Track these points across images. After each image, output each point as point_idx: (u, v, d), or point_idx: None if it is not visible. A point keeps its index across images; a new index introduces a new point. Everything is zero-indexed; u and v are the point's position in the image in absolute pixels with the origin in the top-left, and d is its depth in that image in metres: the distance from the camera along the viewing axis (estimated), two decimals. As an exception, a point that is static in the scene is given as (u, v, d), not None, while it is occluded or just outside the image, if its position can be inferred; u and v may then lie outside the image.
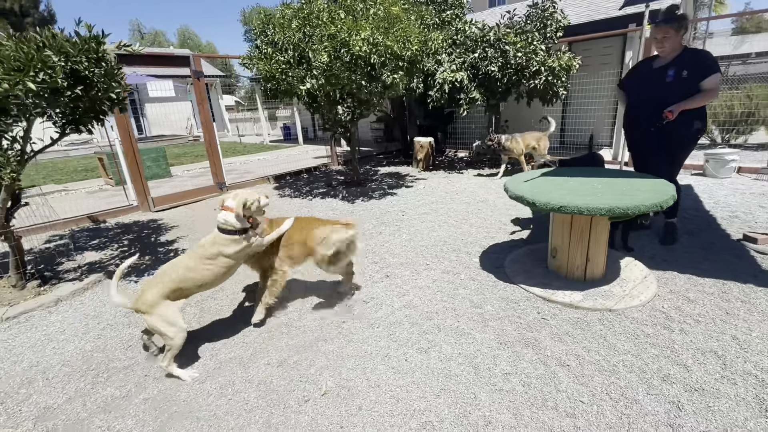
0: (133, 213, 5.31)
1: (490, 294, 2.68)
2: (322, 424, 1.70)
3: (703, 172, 5.47)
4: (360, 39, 3.84)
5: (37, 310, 2.75)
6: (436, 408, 1.74)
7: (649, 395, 1.74)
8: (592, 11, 8.06)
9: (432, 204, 4.93)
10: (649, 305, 2.42)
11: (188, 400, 1.88)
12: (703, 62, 2.92)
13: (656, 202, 2.18)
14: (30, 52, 2.09)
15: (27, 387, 2.02)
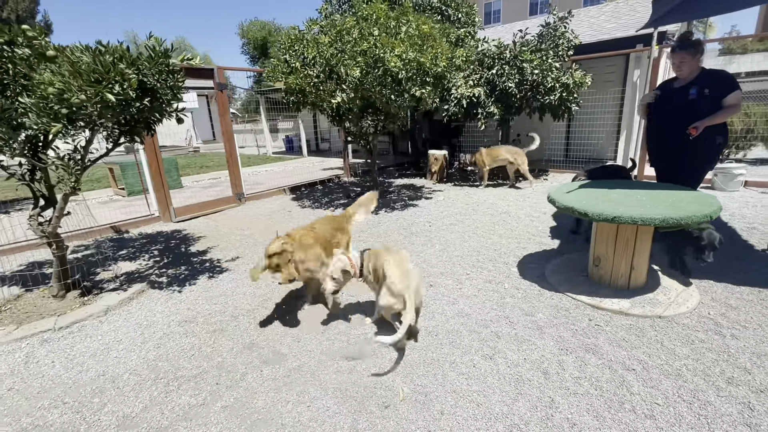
0: (155, 223, 5.30)
1: (538, 302, 2.76)
2: (409, 429, 1.73)
3: (711, 185, 5.68)
4: (395, 55, 3.97)
5: (88, 320, 2.74)
6: (517, 411, 1.80)
7: (719, 397, 1.82)
8: (595, 31, 8.41)
9: (456, 215, 5.02)
10: (696, 312, 2.52)
11: (267, 408, 1.90)
12: (723, 80, 3.12)
13: (706, 213, 2.30)
14: (107, 65, 2.15)
15: (100, 396, 2.02)
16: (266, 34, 32.84)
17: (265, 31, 32.85)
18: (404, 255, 2.31)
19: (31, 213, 2.88)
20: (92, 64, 2.14)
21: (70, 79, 2.12)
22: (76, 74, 2.12)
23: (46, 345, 2.48)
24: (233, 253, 4.05)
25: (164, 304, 2.97)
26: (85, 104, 2.16)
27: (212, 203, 5.94)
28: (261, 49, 33.06)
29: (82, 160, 2.59)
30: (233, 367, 2.21)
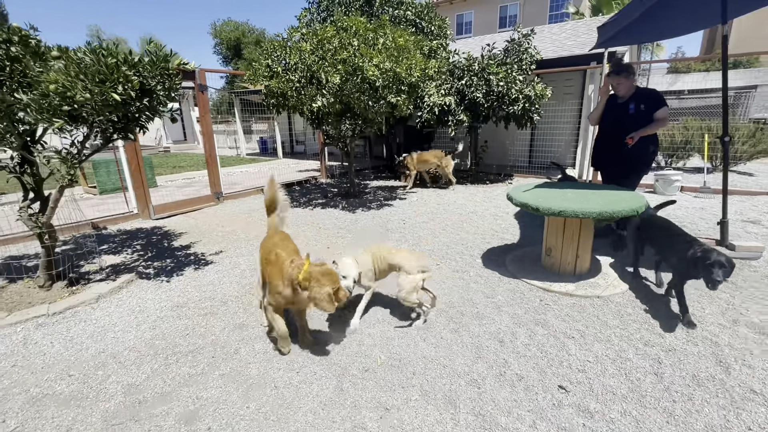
0: (133, 220, 5.35)
1: (498, 287, 3.14)
2: (386, 386, 2.04)
3: (654, 190, 6.37)
4: (372, 65, 4.30)
5: (81, 307, 2.87)
6: (476, 370, 2.14)
7: (637, 354, 2.24)
8: (558, 47, 9.11)
9: (428, 214, 5.40)
10: (627, 292, 2.98)
11: (260, 375, 2.15)
12: (654, 98, 3.74)
13: (633, 207, 2.77)
14: (112, 67, 2.35)
15: (103, 369, 2.19)
16: (240, 35, 32.48)
17: (238, 32, 32.47)
18: (387, 246, 2.66)
19: (21, 205, 2.98)
20: (96, 65, 2.33)
21: (76, 78, 2.30)
22: (81, 74, 2.31)
23: (41, 329, 2.60)
24: (216, 248, 4.23)
25: (154, 292, 3.14)
26: (89, 102, 2.35)
27: (191, 201, 6.03)
28: (234, 49, 32.65)
29: (79, 154, 2.74)
30: (227, 343, 2.44)
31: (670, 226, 2.92)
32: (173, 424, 1.81)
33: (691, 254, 2.41)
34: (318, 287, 2.03)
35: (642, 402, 1.88)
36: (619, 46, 5.55)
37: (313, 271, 2.07)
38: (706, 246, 2.43)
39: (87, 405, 1.93)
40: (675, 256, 2.62)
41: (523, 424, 1.77)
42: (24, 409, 1.90)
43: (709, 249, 2.38)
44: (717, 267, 2.27)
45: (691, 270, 2.42)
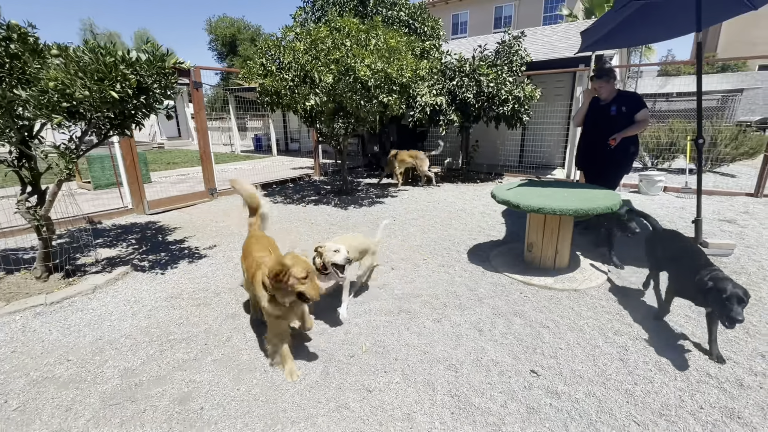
0: (128, 215, 5.42)
1: (481, 280, 3.28)
2: (369, 370, 2.17)
3: (638, 190, 6.56)
4: (364, 65, 4.42)
5: (77, 297, 2.97)
6: (455, 356, 2.28)
7: (606, 343, 2.39)
8: (549, 49, 9.28)
9: (418, 211, 5.53)
10: (603, 286, 3.14)
11: (251, 360, 2.27)
12: (635, 100, 3.90)
13: (608, 205, 2.92)
14: (110, 66, 2.45)
15: (100, 355, 2.30)
16: (235, 32, 32.39)
17: (234, 28, 32.38)
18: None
19: (19, 198, 3.06)
20: (95, 64, 2.42)
21: (75, 76, 2.40)
22: (80, 72, 2.40)
23: (39, 317, 2.70)
24: (210, 242, 4.33)
25: (149, 284, 3.24)
26: (88, 99, 2.44)
27: (185, 197, 6.11)
28: (229, 46, 32.54)
29: (77, 148, 2.83)
30: (219, 331, 2.55)
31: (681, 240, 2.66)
32: (168, 404, 1.93)
33: (699, 281, 2.11)
34: (298, 281, 1.89)
35: (606, 384, 2.03)
36: (600, 50, 5.72)
37: (284, 259, 1.93)
38: (717, 272, 2.11)
39: (85, 387, 2.04)
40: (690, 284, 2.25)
41: (495, 404, 1.91)
42: (25, 391, 2.00)
43: (723, 277, 2.06)
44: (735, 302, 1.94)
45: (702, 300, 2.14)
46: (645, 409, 1.86)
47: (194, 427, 1.78)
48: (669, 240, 2.74)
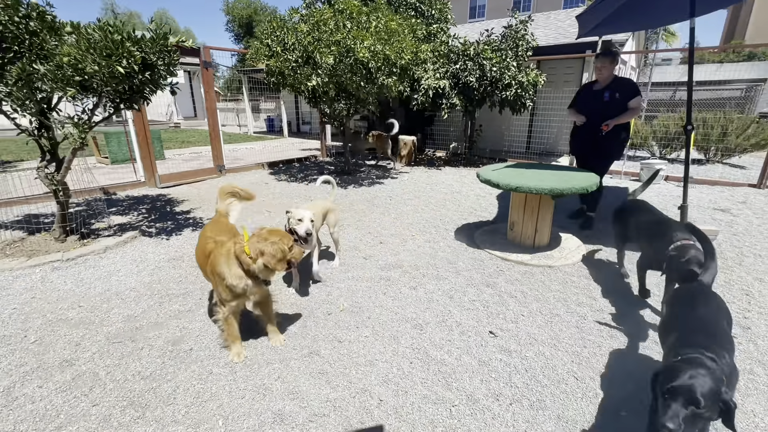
0: (141, 188, 5.75)
1: (462, 255, 3.46)
2: (343, 326, 2.40)
3: (639, 178, 6.56)
4: (364, 47, 4.54)
5: (90, 255, 3.28)
6: (422, 317, 2.49)
7: (567, 312, 2.56)
8: (559, 34, 9.15)
9: (414, 192, 5.70)
10: (578, 264, 3.28)
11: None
12: (629, 87, 3.90)
13: (584, 186, 3.04)
14: (117, 43, 2.66)
15: (107, 303, 2.59)
16: (252, 12, 32.43)
17: (251, 9, 32.41)
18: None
19: (39, 165, 3.36)
20: (104, 41, 2.64)
21: (86, 52, 2.63)
22: (91, 49, 2.63)
23: (56, 271, 3.01)
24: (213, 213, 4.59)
25: (154, 247, 3.53)
26: (97, 74, 2.68)
27: (194, 173, 6.41)
28: (246, 27, 32.65)
29: (89, 120, 3.09)
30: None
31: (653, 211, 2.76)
32: (162, 344, 2.20)
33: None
34: (269, 246, 1.89)
35: (556, 346, 2.21)
36: (603, 35, 5.66)
37: (257, 235, 1.95)
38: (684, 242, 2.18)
39: (93, 328, 2.33)
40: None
41: (450, 357, 2.12)
42: (42, 328, 2.31)
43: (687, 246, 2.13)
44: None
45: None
46: (587, 368, 2.04)
47: (184, 362, 2.04)
48: (639, 212, 2.80)
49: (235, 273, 1.93)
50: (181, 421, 1.68)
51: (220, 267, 1.95)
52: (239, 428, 1.65)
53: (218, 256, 1.98)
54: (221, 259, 1.96)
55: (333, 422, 1.69)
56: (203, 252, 2.13)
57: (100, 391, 1.83)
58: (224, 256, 1.96)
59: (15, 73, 2.71)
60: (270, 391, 1.86)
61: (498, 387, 1.90)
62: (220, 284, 1.97)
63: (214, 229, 2.26)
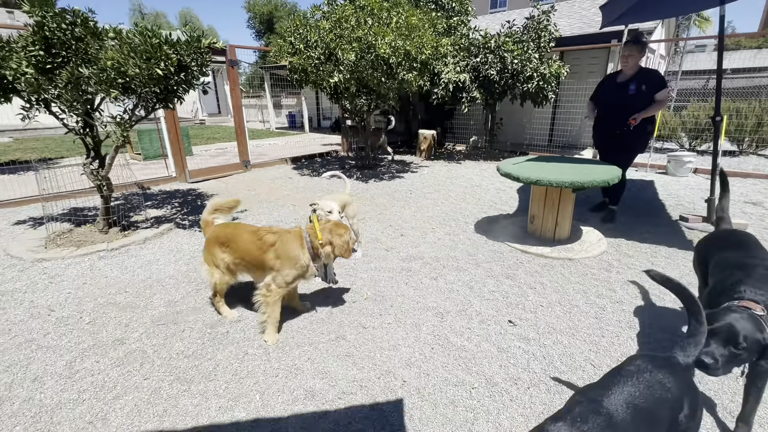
0: (172, 183, 6.04)
1: (482, 248, 3.53)
2: (367, 313, 2.52)
3: (666, 171, 6.40)
4: (385, 43, 4.62)
5: (132, 246, 3.52)
6: (444, 306, 2.59)
7: (586, 303, 2.60)
8: (584, 24, 8.93)
9: (434, 186, 5.76)
10: (599, 257, 3.29)
11: (270, 300, 2.68)
12: (656, 78, 3.80)
13: (605, 179, 3.04)
14: (156, 47, 2.85)
15: (150, 289, 2.81)
16: (272, 9, 32.81)
17: (271, 5, 32.79)
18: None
19: (84, 162, 3.62)
20: (144, 45, 2.83)
21: (128, 56, 2.82)
22: (132, 53, 2.82)
23: (103, 260, 3.27)
24: (241, 207, 4.81)
25: (189, 239, 3.75)
26: (138, 76, 2.87)
27: (222, 168, 6.66)
28: (266, 23, 33.09)
29: (130, 119, 3.31)
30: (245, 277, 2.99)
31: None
32: (201, 327, 2.38)
33: None
34: (338, 238, 2.20)
35: (574, 335, 2.27)
36: (629, 23, 5.52)
37: (326, 228, 2.24)
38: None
39: (139, 311, 2.54)
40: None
41: (470, 343, 2.21)
42: (95, 310, 2.53)
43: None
44: None
45: None
46: (605, 356, 2.10)
47: (221, 344, 2.22)
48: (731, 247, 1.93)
49: (306, 256, 2.21)
50: (222, 395, 1.85)
51: (293, 251, 2.19)
52: (274, 402, 1.80)
53: (289, 242, 2.21)
54: (293, 245, 2.20)
55: (360, 399, 1.82)
56: (259, 245, 2.24)
57: (149, 367, 2.03)
58: (297, 242, 2.21)
59: (65, 77, 2.94)
60: (301, 370, 2.01)
61: (516, 372, 1.98)
62: (288, 266, 2.19)
63: (245, 227, 2.42)
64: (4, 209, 4.71)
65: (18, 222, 4.28)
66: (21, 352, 2.14)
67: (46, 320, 2.44)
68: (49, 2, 3.05)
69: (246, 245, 2.30)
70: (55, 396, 1.83)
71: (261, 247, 2.25)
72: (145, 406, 1.78)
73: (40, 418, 1.71)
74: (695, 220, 3.98)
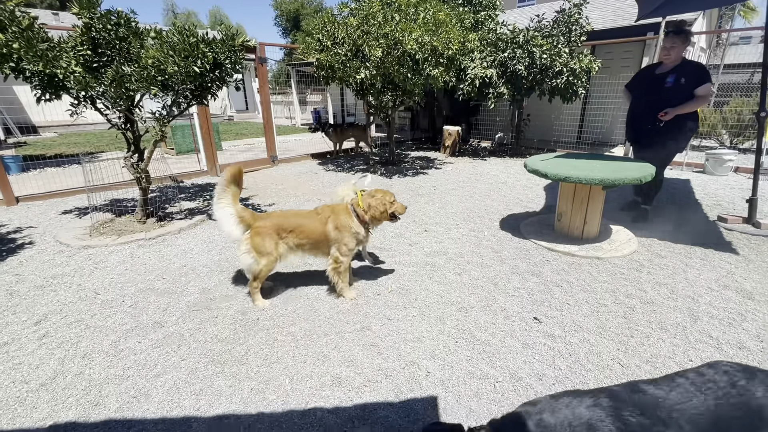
0: (204, 176, 6.28)
1: (507, 245, 3.50)
2: (392, 305, 2.57)
3: (703, 170, 6.11)
4: (412, 39, 4.63)
5: (168, 235, 3.71)
6: (468, 301, 2.60)
7: (614, 303, 2.55)
8: (617, 16, 8.61)
9: (459, 182, 5.74)
10: (629, 257, 3.21)
11: (297, 290, 2.77)
12: (699, 71, 3.56)
13: (637, 176, 2.96)
14: (193, 46, 2.98)
15: (185, 277, 2.96)
16: (299, 7, 33.22)
17: (297, 3, 33.20)
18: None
19: (125, 155, 3.83)
20: (182, 44, 2.96)
21: (167, 55, 2.97)
22: (171, 51, 2.96)
23: (142, 248, 3.45)
24: (270, 200, 4.96)
25: (220, 230, 3.90)
26: (176, 74, 3.01)
27: (250, 163, 6.86)
28: (293, 21, 33.54)
29: (169, 115, 3.47)
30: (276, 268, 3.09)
31: None
32: (233, 313, 2.49)
33: None
34: (374, 200, 2.52)
35: (602, 334, 2.24)
36: (661, 16, 5.28)
37: (367, 193, 2.57)
38: None
39: (175, 297, 2.68)
40: None
41: (494, 339, 2.22)
42: (136, 295, 2.69)
43: None
44: None
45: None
46: (633, 356, 2.06)
47: (252, 330, 2.32)
48: None
49: (356, 222, 2.52)
50: (253, 377, 1.94)
51: (345, 221, 2.51)
52: (303, 387, 1.88)
53: (340, 214, 2.54)
54: (344, 216, 2.53)
55: (385, 388, 1.87)
56: (320, 219, 2.54)
57: (186, 349, 2.15)
58: (345, 213, 2.54)
59: (110, 75, 3.12)
60: (328, 358, 2.07)
61: (541, 368, 1.98)
62: (347, 234, 2.51)
63: (298, 212, 2.72)
64: (53, 199, 5.04)
65: (65, 211, 4.57)
66: (71, 330, 2.31)
67: (93, 302, 2.61)
68: (95, 4, 3.23)
69: (311, 225, 2.54)
70: (102, 371, 1.98)
71: (323, 221, 2.54)
72: (183, 384, 1.89)
73: (89, 391, 1.85)
74: (735, 220, 3.80)
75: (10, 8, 3.01)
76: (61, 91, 3.33)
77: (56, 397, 1.82)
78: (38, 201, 4.95)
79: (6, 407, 1.77)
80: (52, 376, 1.94)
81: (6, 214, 4.47)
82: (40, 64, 2.94)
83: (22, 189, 5.15)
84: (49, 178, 5.93)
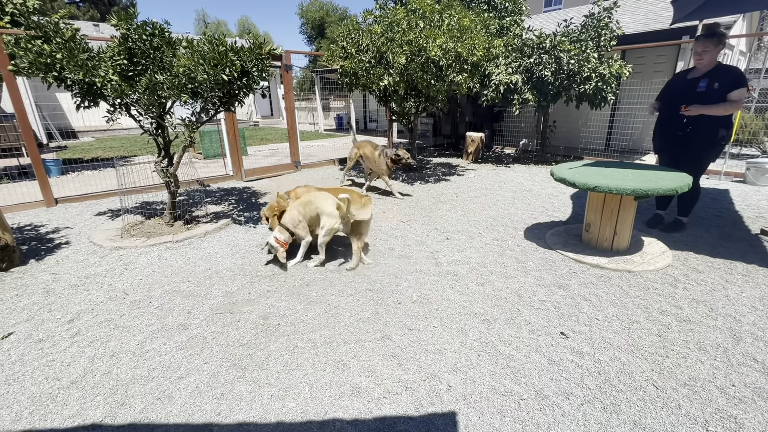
0: (229, 181, 6.43)
1: (532, 255, 3.40)
2: (412, 315, 2.53)
3: (744, 179, 5.79)
4: (436, 45, 4.61)
5: (194, 238, 3.80)
6: (491, 313, 2.53)
7: (647, 320, 2.43)
8: (650, 20, 8.33)
9: (482, 190, 5.64)
10: (663, 271, 3.05)
11: (318, 296, 2.78)
12: (733, 76, 3.39)
13: (672, 187, 2.82)
14: (222, 54, 3.06)
15: (209, 280, 3.01)
16: (324, 14, 33.86)
17: (322, 11, 33.85)
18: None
19: (156, 160, 3.96)
20: (212, 53, 3.05)
21: (197, 63, 3.06)
22: (201, 60, 3.05)
23: (169, 250, 3.55)
24: (292, 206, 5.01)
25: (244, 234, 3.97)
26: (205, 81, 3.10)
27: (274, 168, 6.98)
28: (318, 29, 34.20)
29: (197, 121, 3.58)
30: (296, 273, 3.12)
31: None
32: (255, 318, 2.52)
33: None
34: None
35: (634, 353, 2.13)
36: (698, 19, 5.06)
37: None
38: None
39: (200, 299, 2.73)
40: None
41: (519, 353, 2.15)
42: (162, 296, 2.76)
43: None
44: None
45: None
46: (669, 378, 1.94)
47: (273, 335, 2.33)
48: None
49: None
50: (273, 384, 1.94)
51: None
52: (322, 396, 1.86)
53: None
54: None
55: (405, 400, 1.83)
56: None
57: (209, 352, 2.18)
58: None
59: (144, 83, 3.25)
60: (347, 367, 2.06)
61: (569, 386, 1.89)
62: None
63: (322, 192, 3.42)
64: (88, 201, 5.27)
65: (99, 213, 4.77)
66: (101, 329, 2.39)
67: (122, 303, 2.70)
68: (132, 16, 3.38)
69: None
70: (129, 372, 2.02)
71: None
72: (206, 388, 1.92)
73: (116, 390, 1.90)
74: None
75: (55, 21, 3.18)
76: (99, 98, 3.48)
77: (85, 395, 1.88)
78: (75, 203, 5.19)
79: (39, 403, 1.83)
80: (83, 374, 2.01)
81: (46, 215, 4.70)
82: (80, 73, 3.09)
83: (61, 191, 5.42)
84: (85, 181, 6.22)
